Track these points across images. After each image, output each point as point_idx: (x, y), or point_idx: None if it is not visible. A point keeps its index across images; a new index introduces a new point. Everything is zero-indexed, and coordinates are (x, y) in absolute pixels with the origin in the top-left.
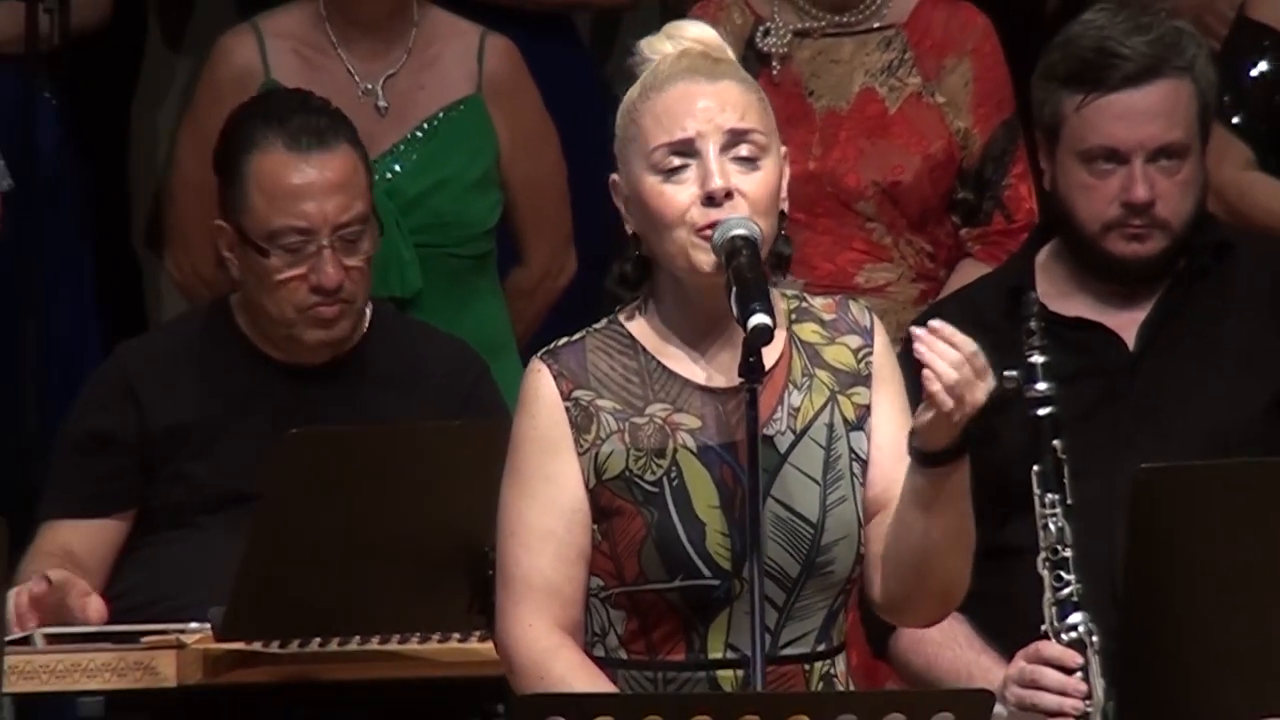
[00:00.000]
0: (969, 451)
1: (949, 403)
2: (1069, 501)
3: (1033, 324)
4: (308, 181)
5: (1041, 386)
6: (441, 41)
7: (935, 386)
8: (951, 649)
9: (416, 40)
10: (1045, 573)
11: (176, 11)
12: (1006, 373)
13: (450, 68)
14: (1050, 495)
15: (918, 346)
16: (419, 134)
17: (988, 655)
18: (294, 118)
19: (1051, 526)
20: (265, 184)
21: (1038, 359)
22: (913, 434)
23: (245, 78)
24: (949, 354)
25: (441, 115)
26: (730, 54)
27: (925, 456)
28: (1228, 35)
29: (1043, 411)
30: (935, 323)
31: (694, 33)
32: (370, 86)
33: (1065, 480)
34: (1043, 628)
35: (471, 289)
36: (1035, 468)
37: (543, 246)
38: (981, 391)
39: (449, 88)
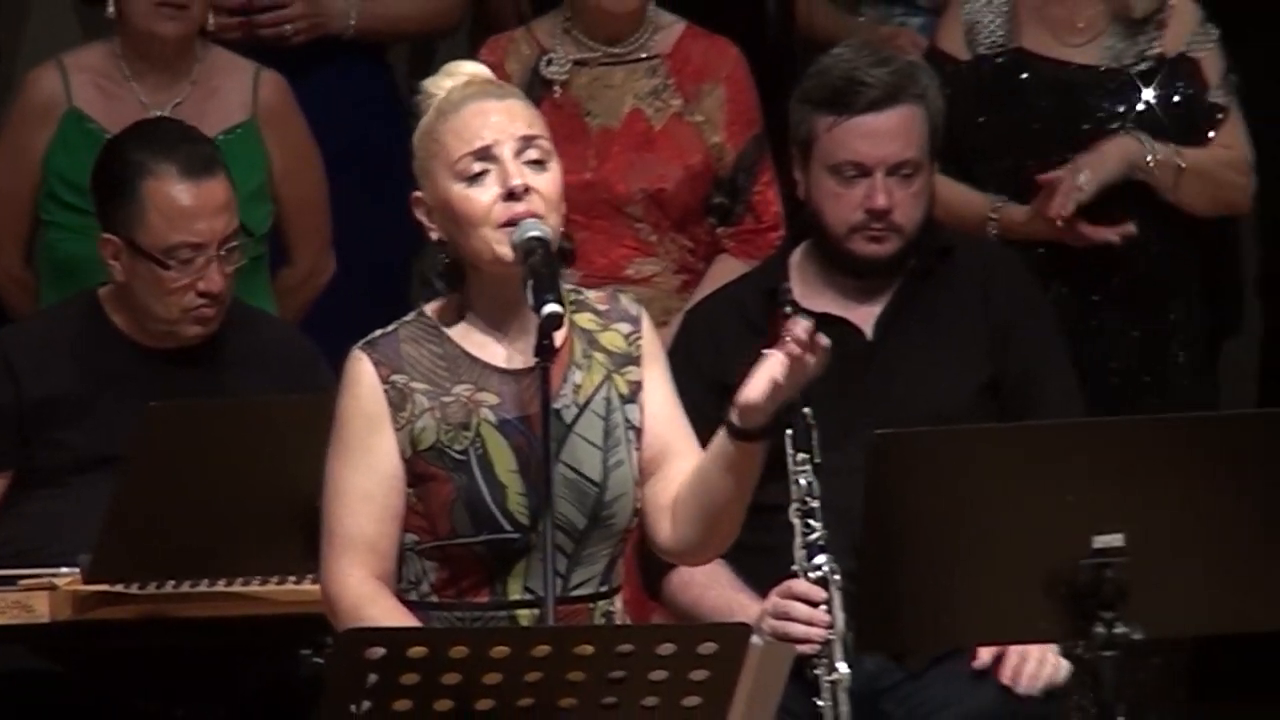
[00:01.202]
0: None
1: (795, 390)
2: (817, 460)
3: (788, 309)
4: (201, 204)
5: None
6: (221, 75)
7: (778, 373)
8: (715, 589)
9: (200, 74)
10: (796, 520)
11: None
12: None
13: (228, 97)
14: (801, 454)
15: (790, 347)
16: None
17: (746, 594)
18: (181, 147)
19: (802, 481)
20: (163, 206)
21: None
22: (733, 412)
23: (50, 106)
24: (802, 334)
25: (220, 138)
26: (500, 81)
27: (744, 433)
28: None
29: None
30: (800, 320)
31: (470, 68)
32: (158, 113)
33: (813, 442)
34: (793, 568)
35: (247, 286)
36: (788, 431)
37: (307, 251)
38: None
39: (227, 114)
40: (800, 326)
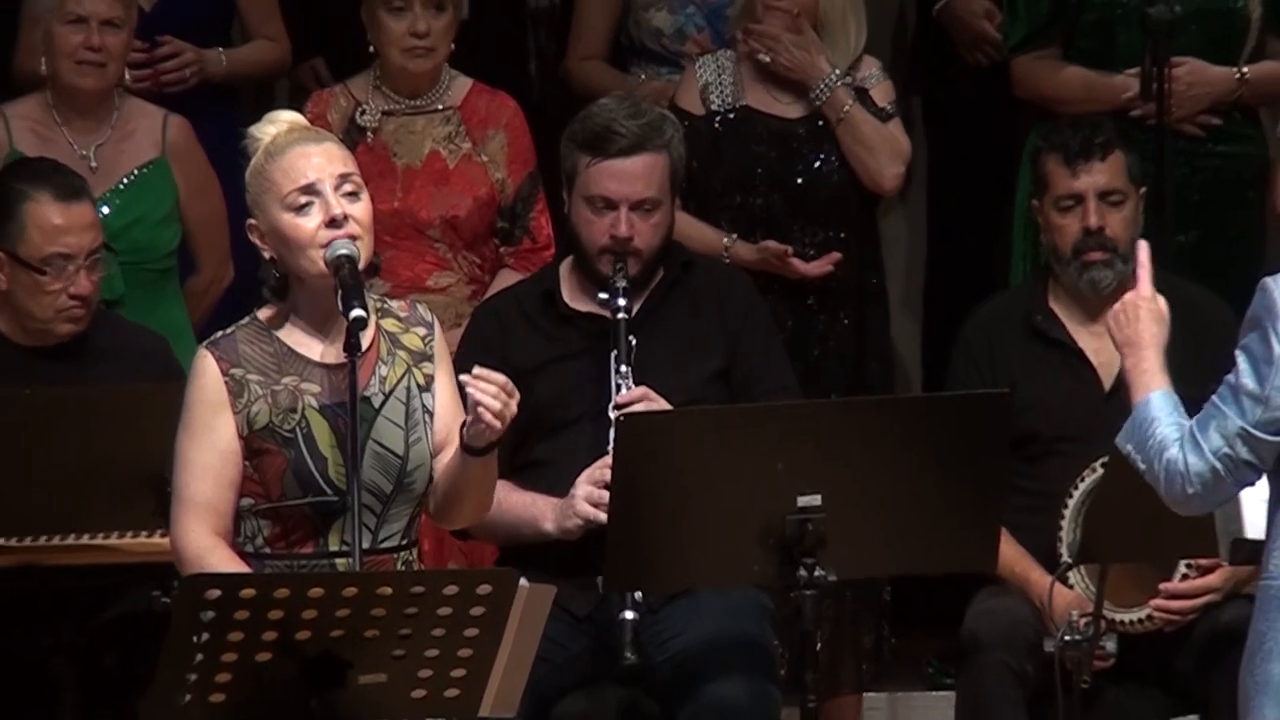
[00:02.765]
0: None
1: (497, 424)
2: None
3: (618, 280)
4: (70, 223)
5: (622, 302)
6: (136, 119)
7: (488, 417)
8: (517, 493)
9: (118, 120)
10: (615, 417)
11: None
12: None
13: (142, 138)
14: (624, 367)
15: (470, 391)
16: (121, 185)
17: (543, 499)
18: (55, 177)
19: (623, 386)
20: (40, 223)
21: (623, 288)
22: (464, 435)
23: None
24: (490, 390)
25: (136, 172)
26: (314, 127)
27: (472, 451)
28: None
29: (620, 316)
30: (477, 370)
31: (288, 116)
32: (85, 152)
33: (632, 352)
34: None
35: (160, 292)
36: (614, 353)
37: (210, 261)
38: (513, 408)
39: (141, 153)
40: (483, 394)
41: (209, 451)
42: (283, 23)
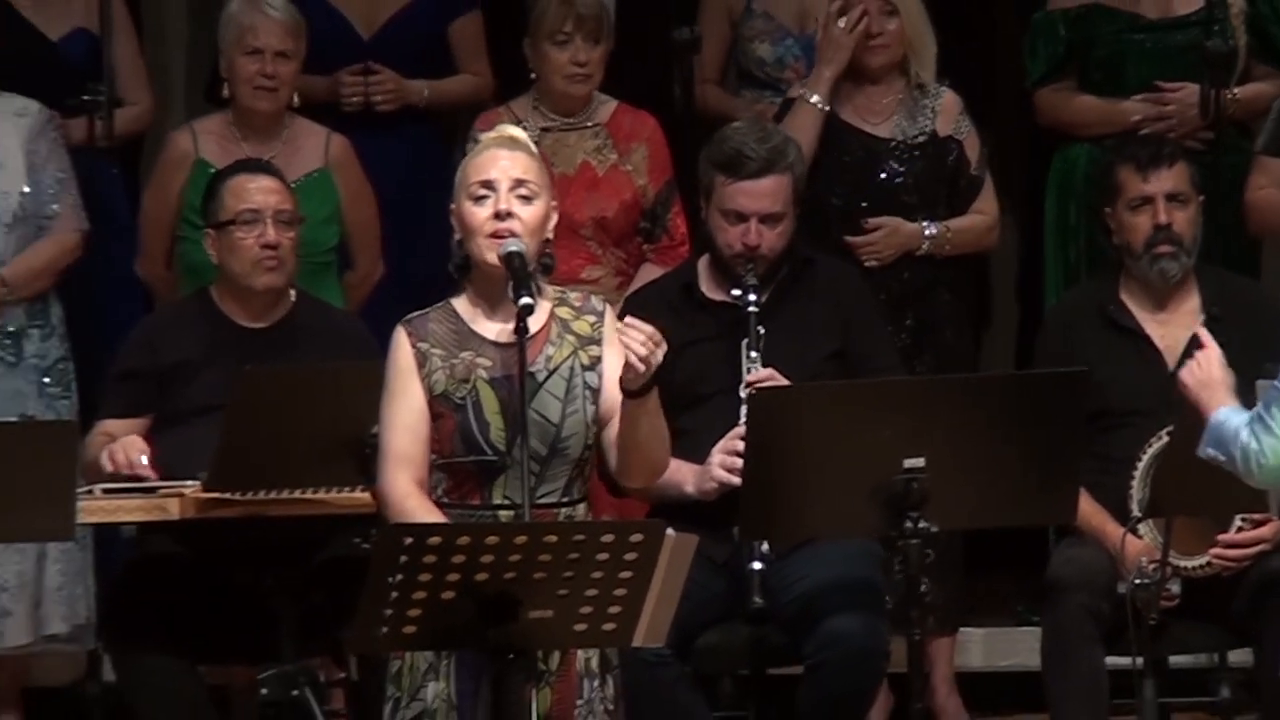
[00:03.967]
0: (654, 388)
1: (642, 367)
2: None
3: (749, 278)
4: (255, 186)
5: (752, 297)
6: (303, 136)
7: (633, 359)
8: None
9: (287, 136)
10: (745, 394)
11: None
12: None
13: (308, 152)
14: (754, 352)
15: (620, 338)
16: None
17: (686, 465)
18: (246, 162)
19: (754, 369)
20: (233, 189)
21: (753, 285)
22: (621, 380)
23: (184, 157)
24: (639, 338)
25: (302, 179)
26: (529, 142)
27: (628, 394)
28: None
29: (750, 309)
30: (628, 319)
31: (510, 130)
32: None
33: (761, 339)
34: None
35: (321, 282)
36: (744, 339)
37: (364, 259)
38: (659, 355)
39: (307, 163)
40: (633, 338)
41: (406, 412)
42: (487, 60)
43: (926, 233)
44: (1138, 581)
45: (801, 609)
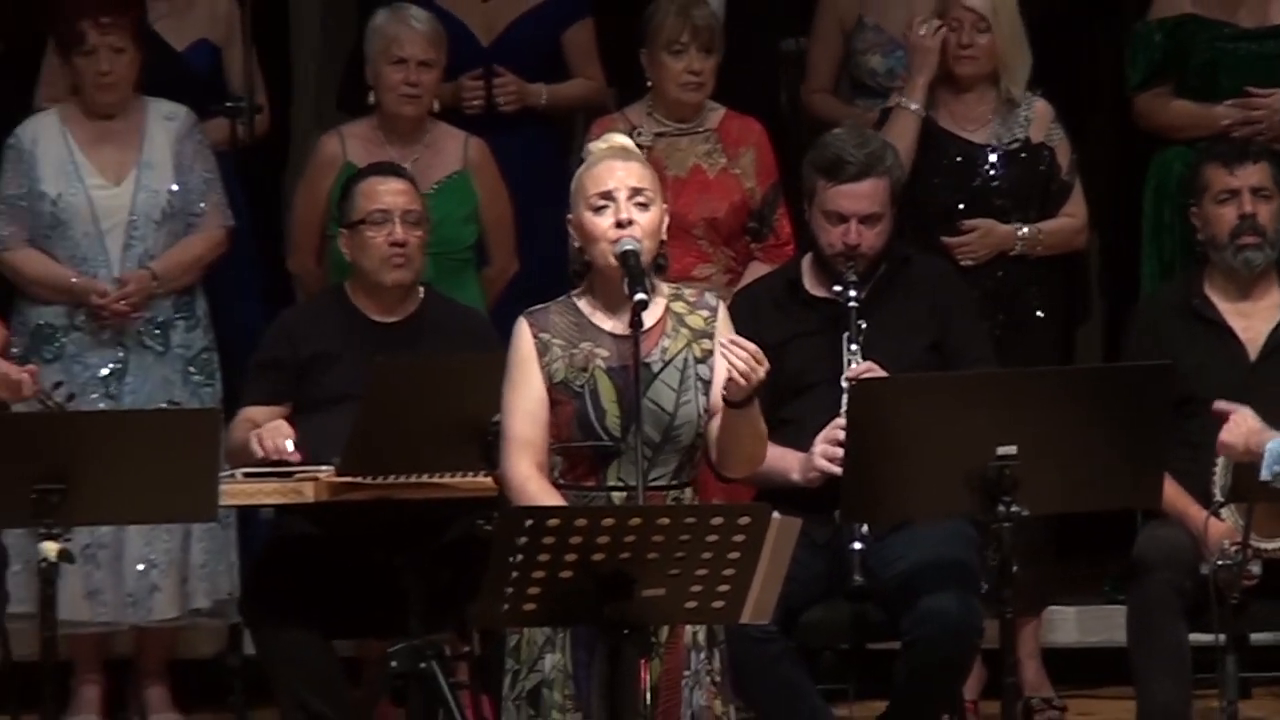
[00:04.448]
0: (755, 399)
1: (742, 381)
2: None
3: (850, 275)
4: (385, 189)
5: (852, 293)
6: (443, 140)
7: (735, 375)
8: (771, 449)
9: (429, 140)
10: (846, 385)
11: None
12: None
13: (448, 155)
14: (854, 345)
15: (724, 354)
16: (430, 191)
17: (790, 453)
18: (380, 165)
19: (854, 362)
20: (365, 191)
21: (853, 281)
22: (724, 393)
23: (333, 160)
24: (743, 355)
25: (443, 181)
26: (637, 150)
27: (731, 405)
28: None
29: (851, 304)
30: (732, 337)
31: (618, 139)
32: (404, 165)
33: (861, 333)
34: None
35: (461, 277)
36: (845, 333)
37: (500, 255)
38: (761, 372)
39: (447, 165)
40: (737, 358)
41: (527, 399)
42: (599, 64)
43: (1019, 234)
44: (1220, 562)
45: (899, 588)
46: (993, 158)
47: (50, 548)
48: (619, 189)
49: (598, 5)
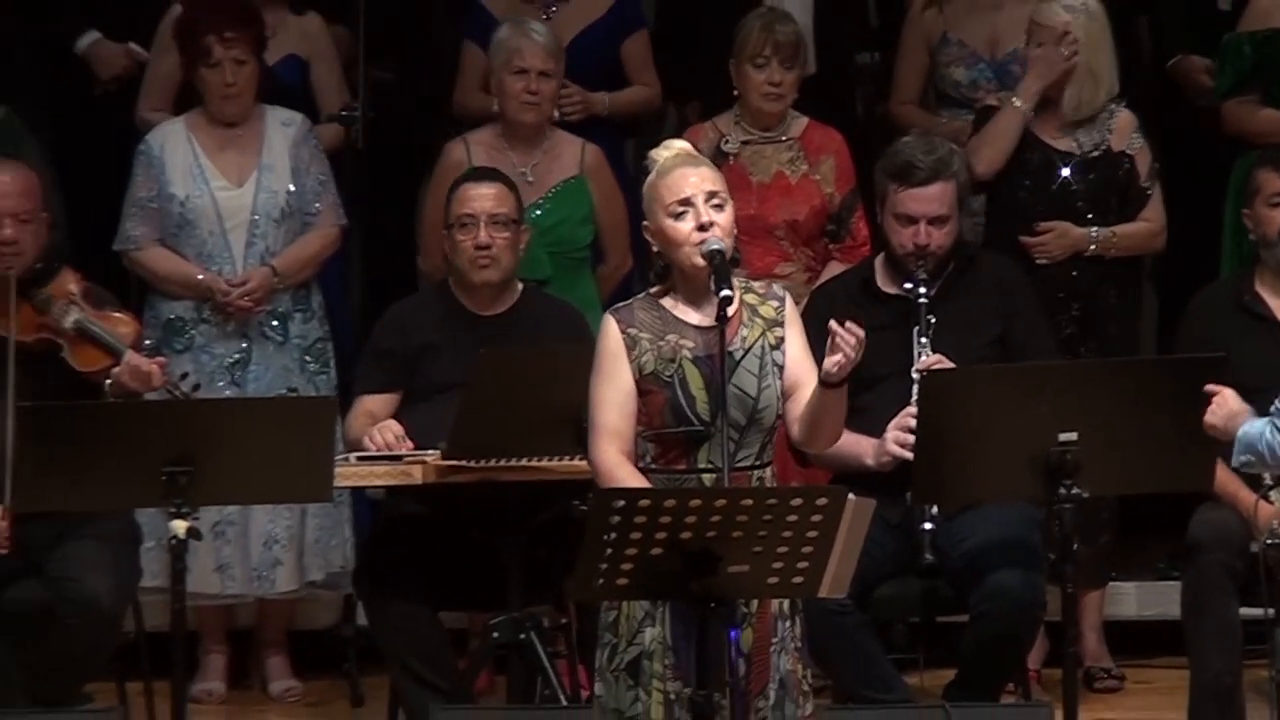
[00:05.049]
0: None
1: (845, 366)
2: (915, 373)
3: (920, 273)
4: (476, 194)
5: (922, 290)
6: (561, 146)
7: (842, 358)
8: (846, 435)
9: (548, 146)
10: (916, 376)
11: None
12: (906, 284)
13: (566, 160)
14: (924, 339)
15: (836, 338)
16: (550, 194)
17: (865, 439)
18: (475, 171)
19: (924, 354)
20: (458, 197)
21: (923, 279)
22: (825, 375)
23: (458, 165)
24: (851, 340)
25: (561, 185)
26: (698, 154)
27: (829, 385)
28: None
29: (921, 300)
30: (848, 324)
31: (679, 144)
32: (524, 170)
33: (930, 327)
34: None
35: (578, 275)
36: (915, 327)
37: (615, 254)
38: (858, 356)
39: (565, 170)
40: (841, 339)
41: (615, 391)
42: (655, 72)
43: (1092, 235)
44: (1269, 541)
45: (967, 565)
46: (1072, 164)
47: (179, 526)
48: (696, 194)
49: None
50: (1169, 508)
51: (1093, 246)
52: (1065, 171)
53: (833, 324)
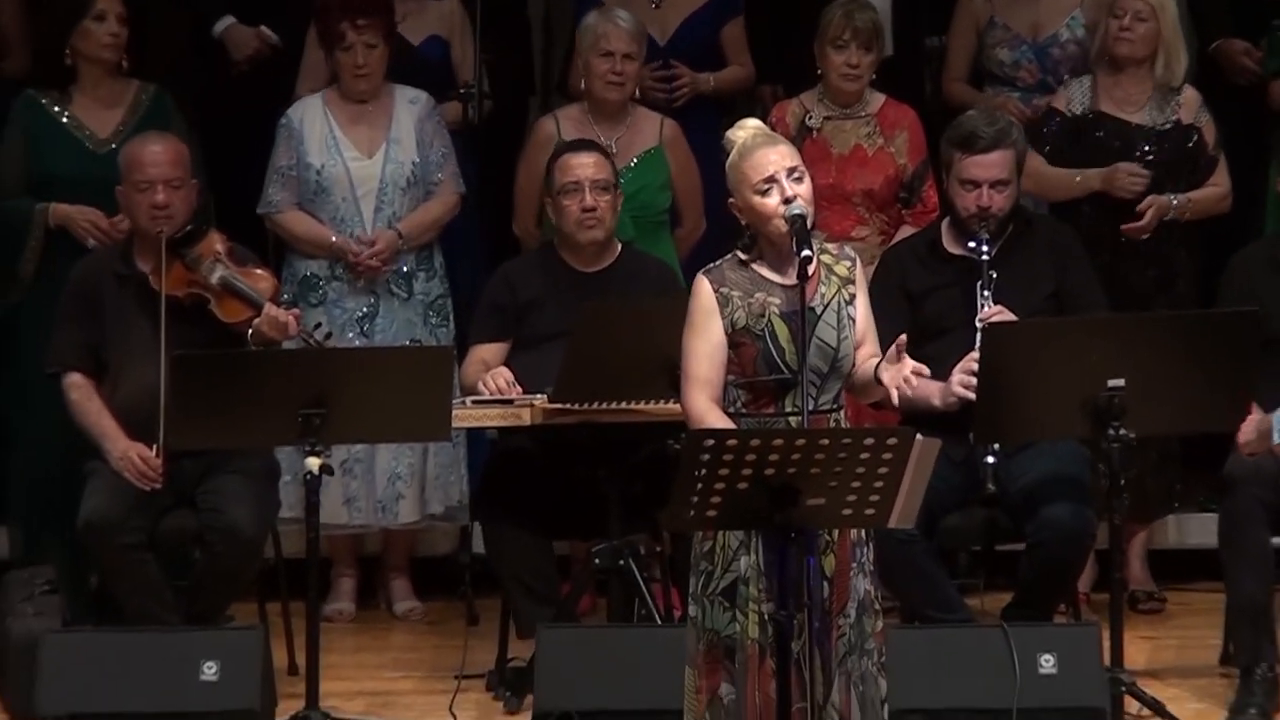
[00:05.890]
0: None
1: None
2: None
3: (983, 234)
4: (578, 162)
5: (985, 249)
6: (642, 121)
7: (894, 393)
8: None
9: (630, 121)
10: (980, 325)
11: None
12: (970, 243)
13: (647, 134)
14: (986, 292)
15: (898, 380)
16: (632, 164)
17: (932, 383)
18: (574, 143)
19: (985, 305)
20: (560, 166)
21: (985, 239)
22: (877, 375)
23: (549, 139)
24: (914, 381)
25: (642, 155)
26: (772, 131)
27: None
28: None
29: (984, 257)
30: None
31: (752, 123)
32: (609, 142)
33: (992, 282)
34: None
35: (657, 236)
36: (979, 282)
37: (690, 218)
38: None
39: (645, 143)
40: (906, 380)
41: (706, 344)
42: (749, 54)
43: (1173, 203)
44: None
45: (1024, 498)
46: (1150, 138)
47: (313, 462)
48: (779, 171)
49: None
50: (1209, 447)
51: (1172, 212)
52: (1143, 144)
53: (953, 386)
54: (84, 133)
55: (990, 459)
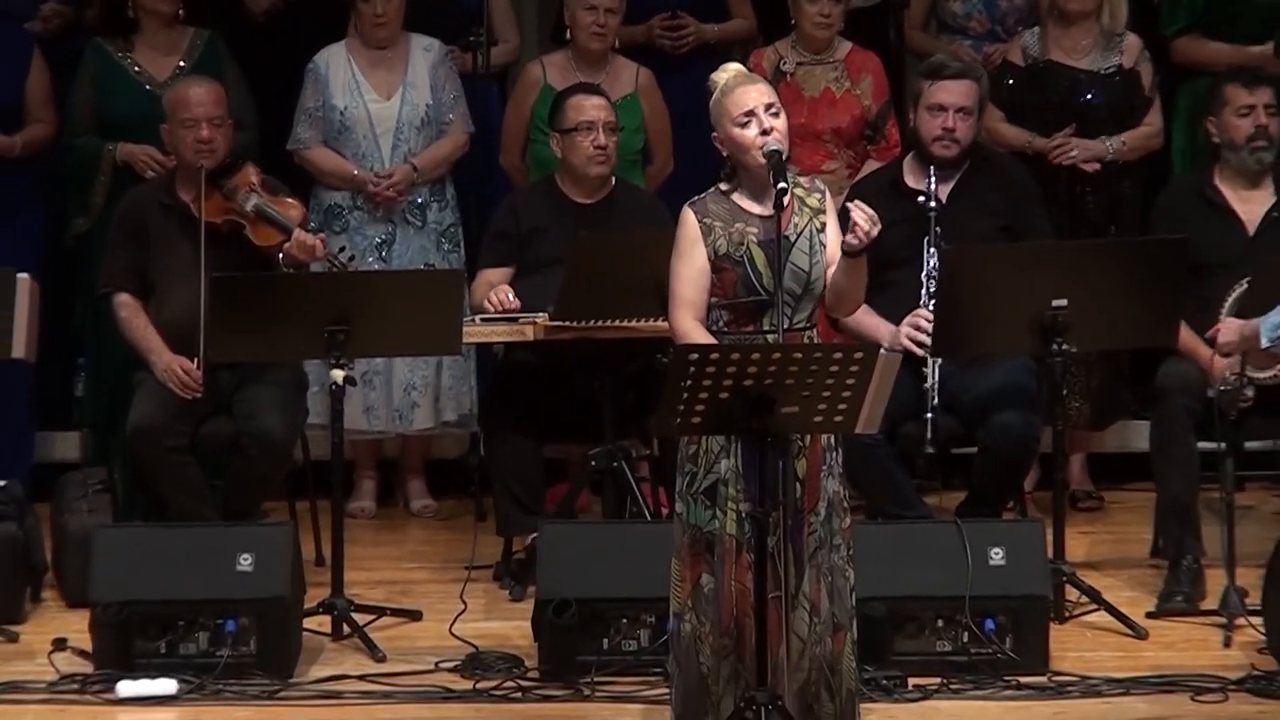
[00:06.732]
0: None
1: (864, 238)
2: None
3: (933, 180)
4: (589, 104)
5: (933, 204)
6: (620, 69)
7: (859, 231)
8: (867, 318)
9: (610, 70)
10: (925, 280)
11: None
12: (926, 181)
13: (624, 80)
14: (933, 249)
15: (853, 213)
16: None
17: (883, 324)
18: (585, 85)
19: (931, 263)
20: (574, 105)
21: (932, 184)
22: (844, 244)
23: (535, 82)
24: (865, 214)
25: (620, 100)
26: (751, 73)
27: (849, 254)
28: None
29: (932, 205)
30: (857, 202)
31: (734, 67)
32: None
33: (939, 233)
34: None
35: (630, 174)
36: (925, 238)
37: (659, 157)
38: (875, 231)
39: (622, 88)
40: (860, 217)
41: (690, 269)
42: (750, 8)
43: (1109, 147)
44: (1222, 388)
45: (976, 405)
46: (1096, 84)
47: (337, 374)
48: (757, 106)
49: None
50: (1141, 362)
51: (1110, 153)
52: (1088, 89)
53: (848, 205)
54: (145, 76)
55: (937, 373)
